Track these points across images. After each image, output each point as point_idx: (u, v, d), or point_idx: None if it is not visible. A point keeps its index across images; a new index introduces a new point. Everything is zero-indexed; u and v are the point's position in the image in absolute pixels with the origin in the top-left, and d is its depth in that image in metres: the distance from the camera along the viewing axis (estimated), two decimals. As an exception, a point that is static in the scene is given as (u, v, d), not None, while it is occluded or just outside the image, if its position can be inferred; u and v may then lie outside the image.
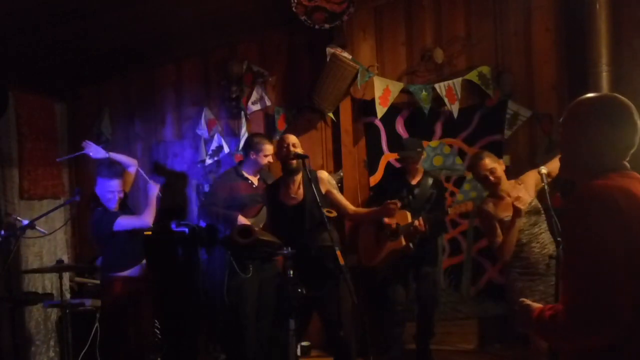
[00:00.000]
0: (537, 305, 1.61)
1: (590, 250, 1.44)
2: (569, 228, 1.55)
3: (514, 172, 3.39)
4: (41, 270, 4.15)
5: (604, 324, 1.40)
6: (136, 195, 4.51)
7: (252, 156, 4.14)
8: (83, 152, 3.85)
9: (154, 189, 3.93)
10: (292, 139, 3.56)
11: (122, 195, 3.82)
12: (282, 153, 3.51)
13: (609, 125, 1.58)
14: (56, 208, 3.99)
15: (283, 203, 3.56)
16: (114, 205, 3.79)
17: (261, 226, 3.98)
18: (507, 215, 3.25)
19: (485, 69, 4.59)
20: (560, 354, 1.62)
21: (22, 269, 4.10)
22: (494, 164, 3.34)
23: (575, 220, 1.52)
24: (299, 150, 3.52)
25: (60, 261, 3.90)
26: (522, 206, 3.17)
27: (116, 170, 3.85)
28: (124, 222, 3.71)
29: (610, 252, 1.41)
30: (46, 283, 4.38)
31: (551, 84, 4.57)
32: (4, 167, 4.18)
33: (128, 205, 3.95)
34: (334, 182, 3.70)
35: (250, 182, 4.19)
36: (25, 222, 3.60)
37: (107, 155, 3.88)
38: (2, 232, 3.62)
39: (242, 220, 3.96)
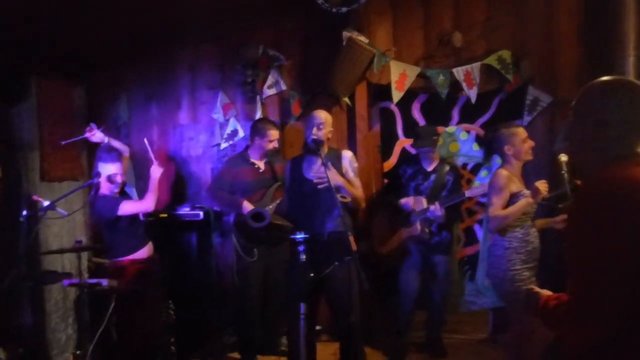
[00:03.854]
0: (544, 293, 1.60)
1: (595, 243, 1.41)
2: (574, 220, 1.52)
3: (531, 163, 3.32)
4: (61, 251, 4.24)
5: (606, 317, 1.38)
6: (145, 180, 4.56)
7: (257, 141, 4.16)
8: (84, 135, 3.90)
9: (157, 173, 3.97)
10: (317, 119, 3.57)
11: (123, 179, 3.87)
12: (307, 132, 3.55)
13: (620, 109, 1.53)
14: (75, 190, 4.06)
15: (303, 177, 3.58)
16: (116, 190, 3.85)
17: (268, 208, 4.00)
18: (517, 190, 3.18)
19: (505, 54, 4.49)
20: (563, 344, 1.59)
21: (42, 249, 4.20)
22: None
23: (580, 213, 1.49)
24: (326, 129, 3.54)
25: (79, 242, 3.99)
26: (544, 191, 3.12)
27: (116, 154, 3.90)
28: (127, 207, 3.76)
29: (615, 246, 1.38)
30: (65, 263, 4.48)
31: (574, 69, 4.44)
32: (26, 150, 4.27)
33: (130, 195, 4.01)
34: (355, 165, 3.68)
35: (256, 166, 4.21)
36: (46, 203, 3.66)
37: (106, 140, 3.93)
38: (24, 212, 3.69)
39: (247, 206, 4.00)
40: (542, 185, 3.15)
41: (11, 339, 4.03)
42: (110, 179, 3.80)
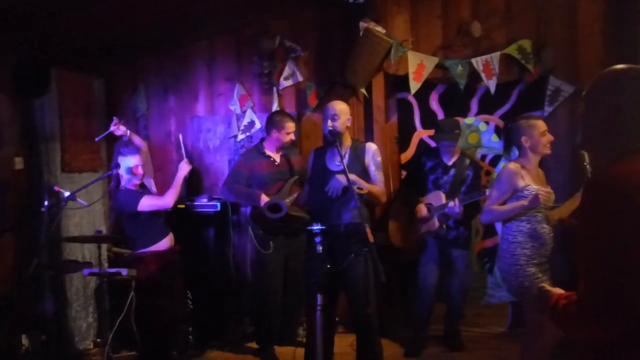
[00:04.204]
0: (556, 292, 1.55)
1: (601, 242, 1.36)
2: (581, 218, 1.46)
3: (553, 151, 3.24)
4: (81, 240, 4.31)
5: (615, 318, 1.33)
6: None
7: (274, 134, 4.15)
8: (110, 129, 3.95)
9: (185, 170, 3.99)
10: (331, 110, 3.53)
11: (142, 172, 3.90)
12: (325, 124, 3.53)
13: (633, 99, 1.46)
14: (95, 181, 4.11)
15: (326, 168, 3.57)
16: (137, 181, 3.88)
17: (287, 201, 4.00)
18: (524, 185, 3.08)
19: (525, 43, 4.42)
20: (577, 342, 1.56)
21: (63, 238, 4.27)
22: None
23: (587, 211, 1.43)
24: (341, 120, 3.51)
25: (99, 232, 4.06)
26: (545, 200, 3.00)
27: (134, 147, 3.93)
28: (147, 203, 3.78)
29: (623, 245, 1.33)
30: (85, 252, 4.55)
31: (597, 58, 4.35)
32: (48, 141, 4.33)
33: (148, 187, 4.04)
34: (378, 159, 3.64)
35: (272, 159, 4.21)
36: (67, 194, 3.72)
37: (128, 133, 3.97)
38: (46, 203, 3.75)
39: (264, 199, 4.00)
40: (544, 194, 3.00)
41: (34, 326, 4.12)
42: (130, 171, 3.84)
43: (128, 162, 3.84)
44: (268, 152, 4.22)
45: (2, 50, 3.94)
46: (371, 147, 3.64)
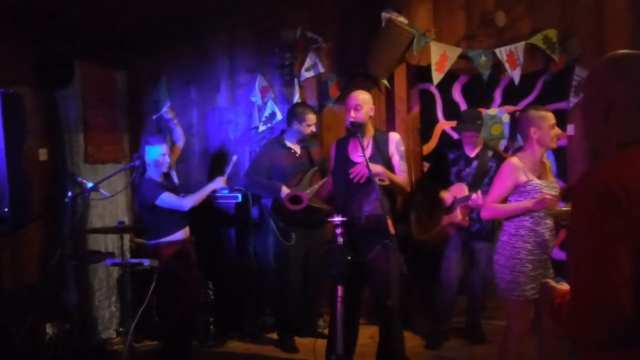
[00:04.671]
0: (560, 288, 1.50)
1: (587, 242, 1.29)
2: (570, 216, 1.37)
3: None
4: (104, 231, 4.36)
5: (601, 320, 1.26)
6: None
7: (295, 126, 4.14)
8: (162, 112, 4.21)
9: (218, 185, 3.96)
10: (353, 100, 3.49)
11: (169, 161, 3.89)
12: (345, 115, 3.51)
13: (629, 89, 1.36)
14: (117, 172, 4.14)
15: (348, 158, 3.55)
16: (163, 170, 3.88)
17: (308, 192, 3.99)
18: (526, 180, 2.95)
19: (551, 33, 4.33)
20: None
21: (86, 229, 4.32)
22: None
23: (574, 209, 1.35)
24: (364, 110, 3.47)
25: (121, 222, 4.08)
26: (550, 204, 2.87)
27: (161, 136, 3.94)
28: (166, 199, 3.75)
29: (607, 246, 1.25)
30: (108, 243, 4.60)
31: (624, 48, 4.23)
32: (71, 132, 4.37)
33: (172, 178, 4.03)
34: (402, 148, 3.59)
35: (293, 151, 4.20)
36: (90, 184, 3.75)
37: (175, 122, 4.09)
38: (69, 193, 3.79)
39: (285, 190, 4.00)
40: (550, 198, 2.88)
41: (58, 315, 4.18)
42: (156, 161, 3.83)
43: (155, 151, 3.82)
44: (289, 144, 4.21)
45: (27, 43, 3.99)
46: (394, 136, 3.60)
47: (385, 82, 4.56)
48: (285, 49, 4.68)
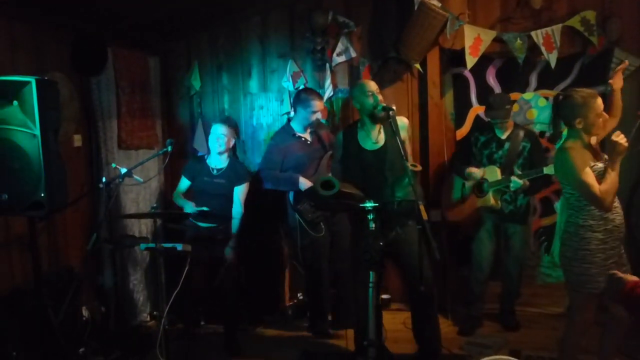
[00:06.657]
0: (631, 279, 1.46)
1: None
2: None
3: (618, 128, 3.03)
4: (138, 216, 4.42)
5: None
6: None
7: (301, 112, 4.11)
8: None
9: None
10: (373, 86, 3.45)
11: (229, 145, 4.13)
12: (367, 102, 3.43)
13: None
14: (150, 158, 4.18)
15: (361, 147, 3.51)
16: (219, 149, 4.08)
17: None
18: (596, 163, 2.82)
19: (589, 14, 4.20)
20: None
21: (121, 214, 4.38)
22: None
23: None
24: (381, 98, 3.45)
25: (154, 207, 4.14)
26: (622, 141, 2.69)
27: (230, 121, 4.21)
28: (245, 191, 4.11)
29: None
30: (142, 227, 4.67)
31: (666, 29, 4.11)
32: (105, 118, 4.42)
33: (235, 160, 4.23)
34: (409, 132, 3.60)
35: (304, 139, 4.17)
36: (123, 170, 3.80)
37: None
38: (104, 179, 3.84)
39: (302, 181, 3.99)
40: (618, 137, 2.71)
41: (94, 299, 4.27)
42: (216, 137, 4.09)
43: (216, 129, 4.11)
44: (297, 133, 4.17)
45: (61, 28, 4.03)
46: (402, 120, 3.55)
47: (418, 66, 4.50)
48: (317, 34, 4.63)
